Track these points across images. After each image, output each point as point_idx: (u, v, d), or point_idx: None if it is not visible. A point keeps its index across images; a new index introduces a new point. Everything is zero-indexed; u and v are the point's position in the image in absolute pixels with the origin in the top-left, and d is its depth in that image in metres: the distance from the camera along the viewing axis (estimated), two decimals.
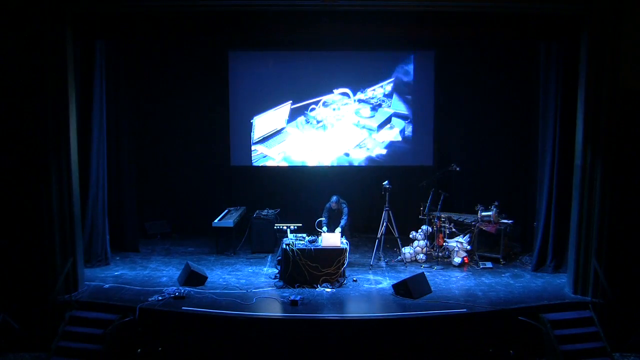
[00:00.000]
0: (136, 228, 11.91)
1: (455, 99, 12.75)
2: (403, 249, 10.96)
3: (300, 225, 11.35)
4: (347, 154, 12.90)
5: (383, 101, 12.79)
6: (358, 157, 12.91)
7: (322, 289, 9.36)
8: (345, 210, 10.80)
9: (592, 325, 8.52)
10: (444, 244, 11.05)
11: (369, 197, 12.43)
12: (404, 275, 9.72)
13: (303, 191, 12.83)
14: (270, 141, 12.92)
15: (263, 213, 11.86)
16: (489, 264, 10.65)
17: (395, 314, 8.46)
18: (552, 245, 10.20)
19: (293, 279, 9.49)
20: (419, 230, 11.19)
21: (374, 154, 12.89)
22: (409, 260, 10.91)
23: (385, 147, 12.88)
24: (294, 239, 9.84)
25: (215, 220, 11.43)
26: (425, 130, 12.89)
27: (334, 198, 10.87)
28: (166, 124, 12.96)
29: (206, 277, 9.65)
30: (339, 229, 10.33)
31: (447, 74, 12.69)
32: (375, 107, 12.80)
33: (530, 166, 11.53)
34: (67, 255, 8.96)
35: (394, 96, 12.76)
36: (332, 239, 9.70)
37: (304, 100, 12.76)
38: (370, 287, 9.58)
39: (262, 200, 12.47)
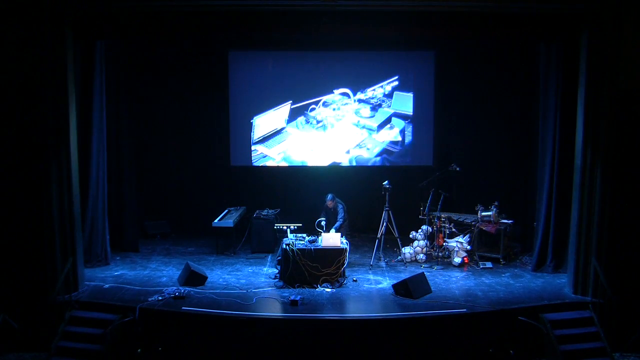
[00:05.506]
0: (136, 228, 11.90)
1: (455, 99, 12.75)
2: (403, 249, 10.96)
3: (300, 225, 11.35)
4: (347, 154, 12.92)
5: (383, 101, 12.79)
6: (358, 157, 12.92)
7: (322, 289, 9.36)
8: (340, 209, 10.78)
9: (592, 325, 8.52)
10: (444, 244, 11.05)
11: (369, 197, 12.43)
12: (404, 275, 9.72)
13: (303, 191, 12.83)
14: (270, 141, 12.93)
15: (263, 213, 11.86)
16: (489, 264, 10.65)
17: (395, 314, 8.46)
18: (552, 245, 10.20)
19: (293, 279, 9.49)
20: (419, 230, 11.18)
21: (374, 153, 12.90)
22: (409, 260, 10.91)
23: (385, 147, 12.89)
24: (294, 239, 9.84)
25: (215, 220, 11.43)
26: (425, 130, 12.90)
27: (329, 196, 10.87)
28: (166, 124, 12.96)
29: (206, 277, 9.64)
30: (333, 231, 10.27)
31: (447, 74, 12.69)
32: (375, 107, 12.81)
33: (530, 166, 11.53)
34: (67, 255, 8.96)
35: (394, 96, 12.78)
36: (332, 239, 9.70)
37: (304, 100, 12.76)
38: (370, 287, 9.58)
39: (262, 200, 12.48)
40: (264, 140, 12.93)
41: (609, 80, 8.79)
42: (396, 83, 12.75)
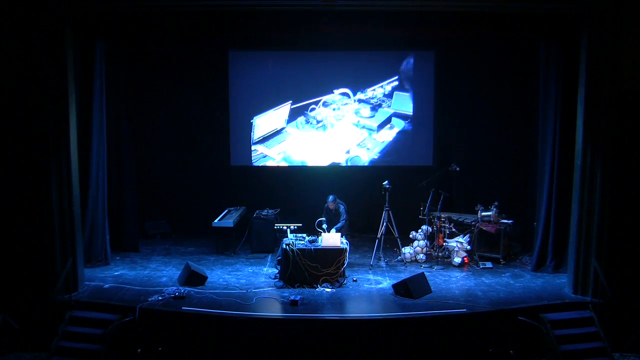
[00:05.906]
0: (136, 228, 11.90)
1: (455, 98, 12.75)
2: (403, 249, 10.96)
3: (300, 225, 11.35)
4: (347, 154, 12.91)
5: (383, 101, 12.79)
6: (358, 157, 12.92)
7: (322, 289, 9.36)
8: (343, 210, 10.78)
9: (592, 325, 8.52)
10: (444, 244, 11.05)
11: (369, 197, 12.41)
12: (404, 275, 9.72)
13: (303, 191, 12.83)
14: (270, 141, 12.93)
15: (263, 213, 11.86)
16: (489, 264, 10.65)
17: (395, 314, 8.46)
18: (552, 245, 10.20)
19: (293, 279, 9.48)
20: (419, 230, 11.18)
21: (373, 153, 12.90)
22: (409, 260, 10.91)
23: (385, 147, 12.89)
24: (294, 239, 9.84)
25: (215, 220, 11.43)
26: (425, 130, 12.90)
27: (330, 197, 10.86)
28: (166, 124, 12.97)
29: (206, 277, 9.64)
30: (334, 230, 10.26)
31: (447, 74, 12.69)
32: (375, 107, 12.82)
33: (530, 166, 11.53)
34: (67, 255, 8.96)
35: (394, 96, 12.78)
36: (332, 239, 9.70)
37: (304, 100, 12.76)
38: (370, 287, 9.58)
39: (262, 200, 12.47)
40: (264, 140, 12.93)
41: (609, 80, 8.79)
42: (396, 83, 12.76)
